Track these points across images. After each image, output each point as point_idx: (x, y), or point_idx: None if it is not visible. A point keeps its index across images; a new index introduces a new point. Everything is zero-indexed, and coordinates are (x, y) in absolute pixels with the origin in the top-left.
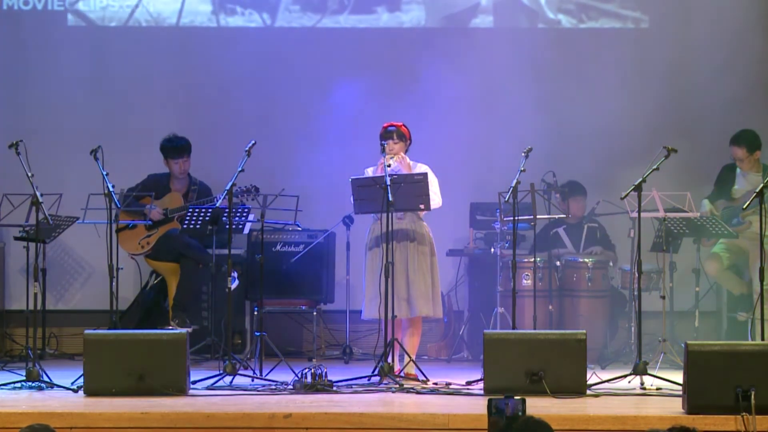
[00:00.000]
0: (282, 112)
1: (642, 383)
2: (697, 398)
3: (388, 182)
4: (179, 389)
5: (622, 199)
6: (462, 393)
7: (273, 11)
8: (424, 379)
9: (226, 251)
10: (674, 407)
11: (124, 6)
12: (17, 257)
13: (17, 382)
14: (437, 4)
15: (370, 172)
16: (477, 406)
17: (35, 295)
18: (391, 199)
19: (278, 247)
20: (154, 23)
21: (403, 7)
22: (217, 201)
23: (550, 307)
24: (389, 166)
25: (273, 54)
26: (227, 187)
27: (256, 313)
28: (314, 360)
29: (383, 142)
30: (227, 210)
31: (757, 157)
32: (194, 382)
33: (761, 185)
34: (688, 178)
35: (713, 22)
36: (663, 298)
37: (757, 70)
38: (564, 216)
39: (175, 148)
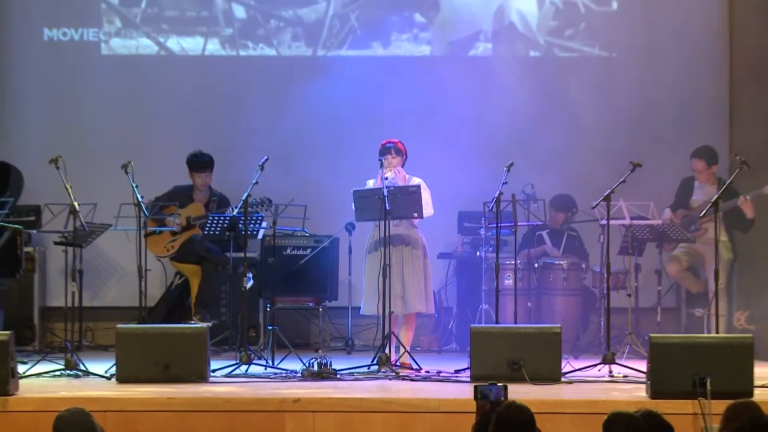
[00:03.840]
0: (291, 132)
1: (610, 371)
2: (659, 385)
3: (386, 193)
4: (201, 377)
5: (592, 208)
6: (451, 380)
7: (280, 45)
8: (418, 367)
9: (242, 254)
10: (639, 393)
11: (154, 37)
12: (57, 260)
13: (57, 370)
14: (441, 35)
15: (370, 184)
16: (465, 392)
17: (73, 293)
18: (388, 208)
19: (288, 251)
20: (181, 53)
21: (405, 37)
22: (234, 210)
23: (529, 304)
24: (387, 178)
25: (281, 80)
26: (243, 198)
27: (268, 309)
28: (320, 351)
29: (382, 157)
30: (243, 218)
31: (713, 171)
32: (214, 371)
33: (716, 196)
34: (651, 190)
35: (675, 50)
36: (629, 296)
37: (714, 95)
38: (543, 223)
39: (200, 163)
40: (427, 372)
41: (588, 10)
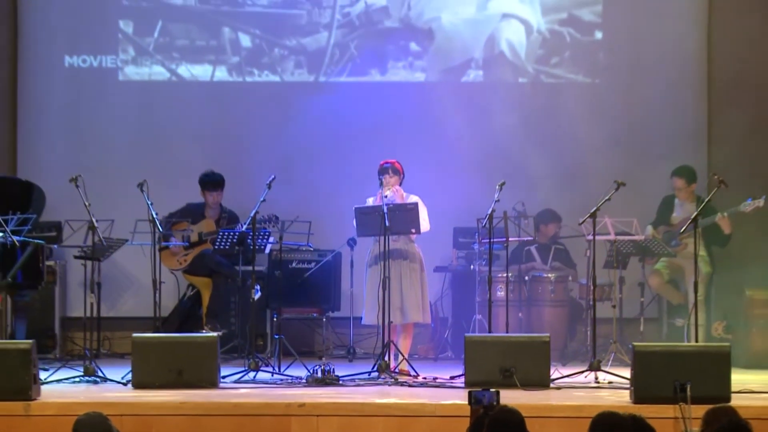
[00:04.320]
0: (295, 152)
1: (596, 378)
2: (642, 390)
3: (386, 210)
4: (211, 383)
5: (579, 224)
6: (447, 386)
7: (284, 72)
8: (415, 374)
9: (250, 268)
10: (623, 398)
11: (166, 64)
12: (76, 273)
13: (76, 376)
14: (435, 62)
15: (370, 201)
16: (459, 397)
17: (92, 304)
18: (387, 224)
19: (294, 265)
20: (191, 79)
21: (401, 64)
22: (243, 226)
23: (520, 314)
24: (386, 196)
25: (285, 104)
26: (251, 215)
27: (275, 319)
28: (323, 358)
29: (381, 176)
30: (252, 233)
31: (692, 189)
32: (224, 377)
33: (695, 213)
34: (634, 207)
35: (655, 76)
36: (614, 306)
37: (693, 117)
38: (532, 238)
39: (212, 182)
40: (424, 378)
41: (573, 39)
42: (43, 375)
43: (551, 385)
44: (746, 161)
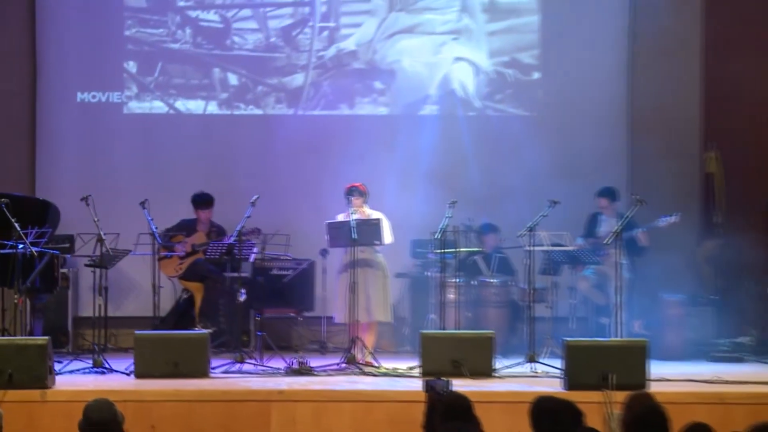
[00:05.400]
0: (276, 175)
1: (533, 368)
2: (572, 379)
3: (353, 225)
4: (203, 373)
5: (519, 237)
6: (406, 375)
7: (266, 106)
8: (379, 365)
9: (236, 274)
10: (556, 386)
11: (165, 99)
12: (87, 278)
13: (86, 368)
14: (396, 98)
15: (340, 217)
16: (416, 385)
17: (100, 305)
18: (355, 237)
19: (274, 271)
20: (187, 112)
21: (366, 100)
22: (231, 239)
23: (468, 314)
24: (354, 213)
25: (267, 134)
26: (238, 229)
27: (258, 318)
28: (300, 352)
29: (349, 196)
30: (238, 245)
31: (615, 207)
32: (214, 368)
33: (618, 228)
34: (566, 222)
35: (584, 108)
36: (548, 307)
37: (616, 144)
38: (479, 249)
39: (203, 201)
40: (386, 369)
41: (515, 79)
42: (57, 367)
43: (495, 374)
44: (662, 183)
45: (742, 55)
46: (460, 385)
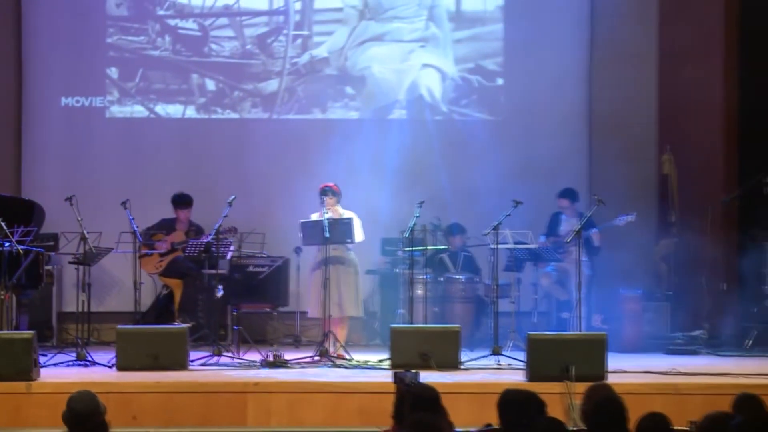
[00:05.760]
0: (252, 176)
1: (498, 360)
2: (534, 371)
3: (326, 224)
4: (182, 365)
5: (484, 235)
6: (376, 367)
7: (242, 110)
8: (350, 358)
9: (214, 271)
10: (519, 377)
11: (145, 104)
12: (71, 275)
13: (70, 361)
14: (366, 103)
15: (314, 216)
16: (386, 376)
17: (83, 301)
18: (328, 235)
19: (250, 268)
20: (166, 116)
21: (338, 104)
22: (209, 237)
23: (436, 309)
24: (326, 213)
25: (243, 137)
26: (215, 227)
27: (234, 313)
28: (274, 345)
29: (323, 196)
30: (215, 243)
31: (575, 207)
32: (192, 361)
33: (578, 227)
34: (529, 221)
35: (546, 113)
36: (512, 302)
37: (577, 147)
38: (446, 247)
39: (183, 201)
40: (358, 361)
41: (480, 85)
42: (42, 359)
43: (461, 366)
44: (620, 184)
45: (695, 63)
46: (428, 377)
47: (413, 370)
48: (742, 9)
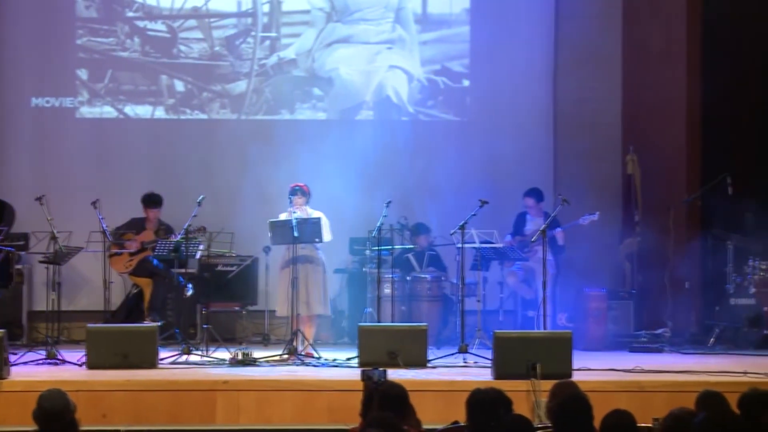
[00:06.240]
0: (221, 176)
1: (464, 359)
2: (501, 369)
3: (294, 224)
4: (151, 364)
5: (451, 234)
6: (344, 365)
7: (211, 111)
8: (318, 356)
9: (184, 270)
10: (486, 375)
11: (114, 105)
12: (41, 274)
13: (40, 359)
14: (334, 104)
15: (283, 216)
16: (354, 374)
17: (53, 300)
18: (296, 235)
19: (219, 267)
20: (136, 117)
21: (306, 105)
22: (178, 237)
23: (403, 307)
24: (295, 212)
25: (212, 137)
26: (185, 227)
27: (204, 312)
28: (243, 344)
29: (291, 196)
30: (185, 242)
31: (541, 207)
32: (162, 359)
33: (543, 226)
34: (495, 221)
35: (511, 113)
36: (479, 301)
37: (542, 146)
38: (412, 246)
39: (152, 201)
40: (326, 359)
41: (445, 86)
42: (12, 358)
43: (428, 364)
44: (585, 183)
45: (659, 64)
46: (395, 375)
47: (381, 368)
48: (704, 10)
